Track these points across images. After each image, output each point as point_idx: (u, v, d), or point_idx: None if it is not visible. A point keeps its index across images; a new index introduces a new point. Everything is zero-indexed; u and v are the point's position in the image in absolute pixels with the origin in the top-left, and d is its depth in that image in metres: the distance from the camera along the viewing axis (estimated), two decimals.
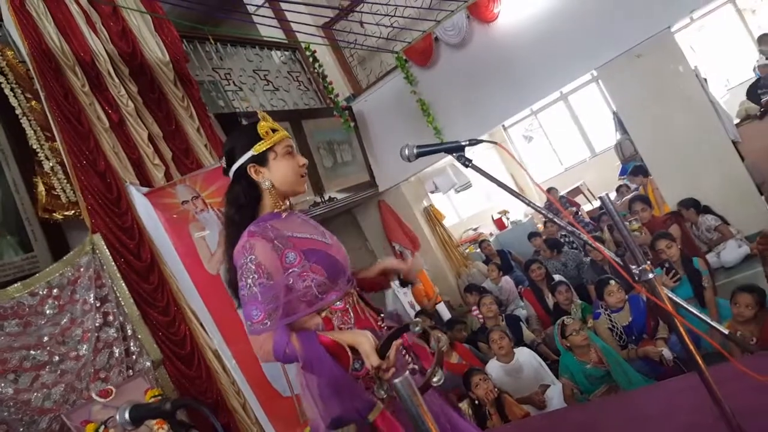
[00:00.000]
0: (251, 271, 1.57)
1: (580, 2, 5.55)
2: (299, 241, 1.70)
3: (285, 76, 6.33)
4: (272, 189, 1.71)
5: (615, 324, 3.95)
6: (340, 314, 1.71)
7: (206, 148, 3.95)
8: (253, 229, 1.66)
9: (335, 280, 1.71)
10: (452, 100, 6.12)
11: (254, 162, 1.70)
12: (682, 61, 5.57)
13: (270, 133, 1.72)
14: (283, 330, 1.58)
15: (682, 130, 5.50)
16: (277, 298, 1.59)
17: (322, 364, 1.56)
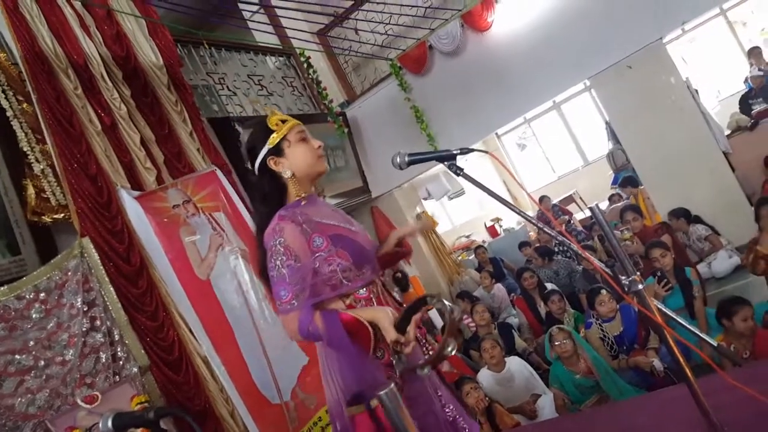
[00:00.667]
0: (280, 253, 1.66)
1: (573, 12, 5.59)
2: (327, 227, 1.77)
3: (279, 81, 6.33)
4: (294, 177, 1.80)
5: (606, 334, 3.95)
6: (364, 302, 1.78)
7: (199, 152, 3.93)
8: (283, 213, 1.75)
9: (360, 267, 1.77)
10: (446, 107, 6.13)
11: (272, 154, 1.79)
12: (674, 72, 5.61)
13: (280, 124, 1.81)
14: (308, 309, 1.65)
15: (673, 140, 5.53)
16: (304, 280, 1.66)
17: (341, 342, 1.62)
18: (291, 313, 1.65)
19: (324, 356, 1.75)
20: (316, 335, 1.65)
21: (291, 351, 3.58)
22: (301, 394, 3.47)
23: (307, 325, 1.63)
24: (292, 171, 1.79)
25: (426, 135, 6.11)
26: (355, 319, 1.64)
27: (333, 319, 1.63)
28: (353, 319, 1.64)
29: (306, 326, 1.63)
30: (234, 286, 3.55)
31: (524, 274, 5.12)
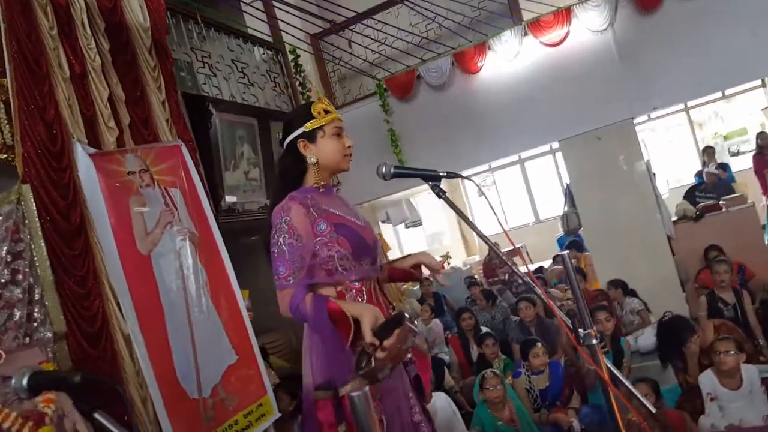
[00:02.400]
0: (284, 231, 1.74)
1: (556, 77, 5.81)
2: (333, 216, 1.86)
3: (263, 74, 6.23)
4: (317, 165, 1.89)
5: (533, 386, 4.01)
6: (354, 293, 1.84)
7: (167, 123, 3.79)
8: (294, 194, 1.85)
9: (358, 258, 1.84)
10: (422, 137, 6.19)
11: (304, 138, 1.88)
12: (638, 152, 5.89)
13: (322, 113, 1.89)
14: (303, 289, 1.72)
15: (625, 215, 5.75)
16: (303, 259, 1.74)
17: (323, 328, 1.69)
18: (286, 289, 1.72)
19: (307, 338, 1.82)
20: (303, 315, 1.70)
21: (221, 347, 3.44)
22: (222, 393, 3.32)
23: (297, 304, 1.69)
24: (317, 159, 1.88)
25: (398, 160, 6.13)
26: (340, 310, 1.68)
27: (321, 305, 1.69)
28: (339, 309, 1.68)
29: (296, 304, 1.70)
30: (175, 267, 3.39)
31: (464, 314, 5.16)
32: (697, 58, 5.33)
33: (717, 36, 5.24)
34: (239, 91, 5.78)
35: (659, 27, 5.45)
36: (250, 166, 5.24)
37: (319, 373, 1.76)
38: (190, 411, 3.10)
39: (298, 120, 1.92)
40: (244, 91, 5.85)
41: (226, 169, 4.86)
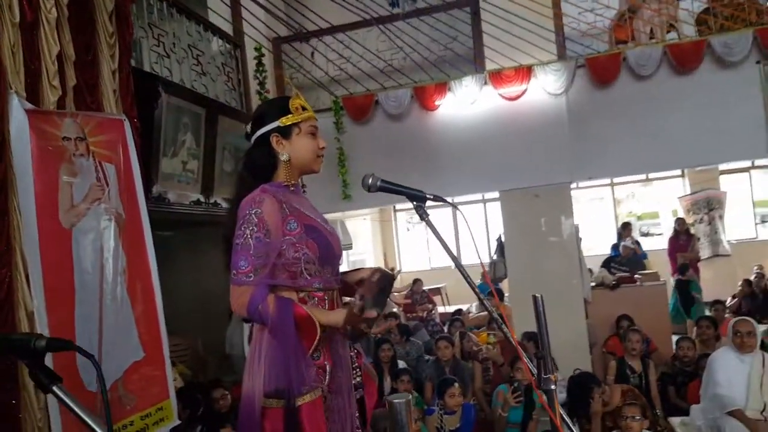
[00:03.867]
0: (253, 223, 1.64)
1: (507, 130, 6.00)
2: (304, 216, 1.79)
3: (217, 66, 6.03)
4: (288, 162, 1.81)
5: (444, 426, 4.00)
6: (316, 301, 1.75)
7: (114, 95, 3.54)
8: (267, 187, 1.77)
9: (324, 264, 1.76)
10: (370, 161, 6.17)
11: (278, 133, 1.80)
12: (570, 215, 6.15)
13: (300, 110, 1.82)
14: (264, 288, 1.64)
15: (549, 272, 5.95)
16: (268, 257, 1.65)
17: (286, 333, 1.61)
18: (244, 285, 1.63)
19: (258, 341, 1.72)
20: (262, 317, 1.62)
21: (129, 341, 3.18)
22: (122, 390, 3.05)
23: (258, 304, 1.61)
24: (289, 156, 1.80)
25: (341, 179, 6.07)
26: (308, 316, 1.62)
27: (287, 308, 1.62)
28: (306, 315, 1.63)
29: (257, 305, 1.61)
30: (95, 248, 3.12)
31: (384, 345, 5.09)
32: (639, 137, 5.69)
33: (660, 120, 5.62)
34: (190, 77, 5.55)
35: (610, 101, 5.79)
36: (189, 157, 4.99)
37: (271, 381, 1.65)
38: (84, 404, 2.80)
39: (273, 113, 1.83)
40: (195, 78, 5.63)
41: (164, 155, 4.61)
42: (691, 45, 5.45)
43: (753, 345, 3.55)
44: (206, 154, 5.15)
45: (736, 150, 5.69)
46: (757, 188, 10.53)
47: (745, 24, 5.38)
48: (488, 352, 4.71)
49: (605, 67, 5.75)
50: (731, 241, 9.25)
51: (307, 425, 1.61)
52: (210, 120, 5.17)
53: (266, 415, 1.63)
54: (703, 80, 5.50)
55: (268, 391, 1.64)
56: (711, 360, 3.69)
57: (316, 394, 1.66)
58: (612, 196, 11.37)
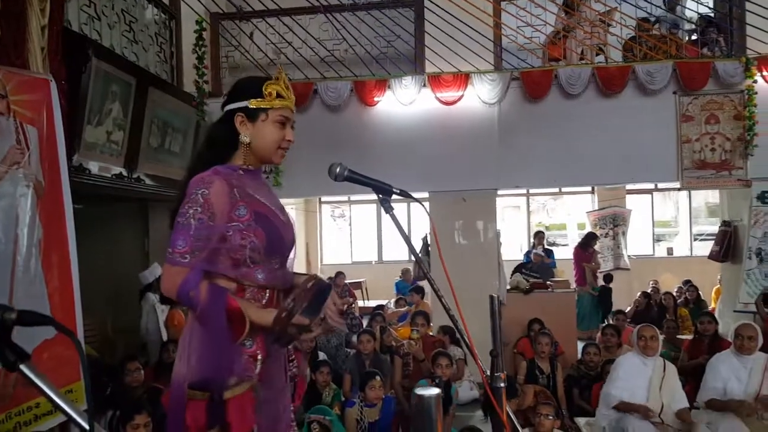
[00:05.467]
0: (197, 203, 1.57)
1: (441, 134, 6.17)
2: (257, 203, 1.70)
3: (150, 35, 5.73)
4: (248, 147, 1.73)
5: (364, 417, 4.04)
6: (256, 290, 1.68)
7: (42, 53, 3.28)
8: (220, 169, 1.67)
9: (270, 255, 1.68)
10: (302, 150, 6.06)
11: (244, 113, 1.72)
12: (493, 220, 6.41)
13: (273, 95, 1.73)
14: (199, 273, 1.56)
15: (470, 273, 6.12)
16: (208, 240, 1.58)
17: (215, 324, 1.54)
18: (178, 266, 1.55)
19: (190, 326, 1.65)
20: (192, 303, 1.56)
21: None
22: None
23: (190, 289, 1.54)
24: (250, 140, 1.72)
25: (273, 166, 5.95)
26: (240, 311, 1.55)
27: (220, 298, 1.55)
28: (237, 309, 1.55)
29: (188, 289, 1.54)
30: (11, 216, 2.88)
31: None
32: (562, 152, 6.03)
33: (582, 138, 5.98)
34: (121, 44, 5.24)
35: (538, 115, 6.08)
36: (115, 128, 4.71)
37: (196, 370, 1.58)
38: None
39: (245, 92, 1.74)
40: (126, 46, 5.32)
41: (89, 123, 4.32)
42: (618, 70, 5.84)
43: (656, 348, 3.89)
44: (133, 126, 4.88)
45: (649, 172, 6.16)
46: (658, 209, 11.44)
47: (666, 56, 5.84)
48: (410, 348, 4.80)
49: (538, 82, 6.02)
50: (631, 256, 9.98)
51: (234, 420, 1.56)
52: (140, 90, 4.90)
53: (189, 407, 1.57)
54: (625, 104, 5.91)
55: (193, 381, 1.57)
56: (616, 363, 3.99)
57: (245, 386, 1.60)
58: (527, 205, 11.91)
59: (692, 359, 5.01)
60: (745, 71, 5.67)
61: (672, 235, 12.31)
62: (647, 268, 10.01)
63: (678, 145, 5.88)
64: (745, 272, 5.96)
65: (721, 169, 5.84)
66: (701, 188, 6.39)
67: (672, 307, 7.45)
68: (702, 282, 8.50)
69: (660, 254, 11.11)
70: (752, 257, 5.95)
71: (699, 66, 5.77)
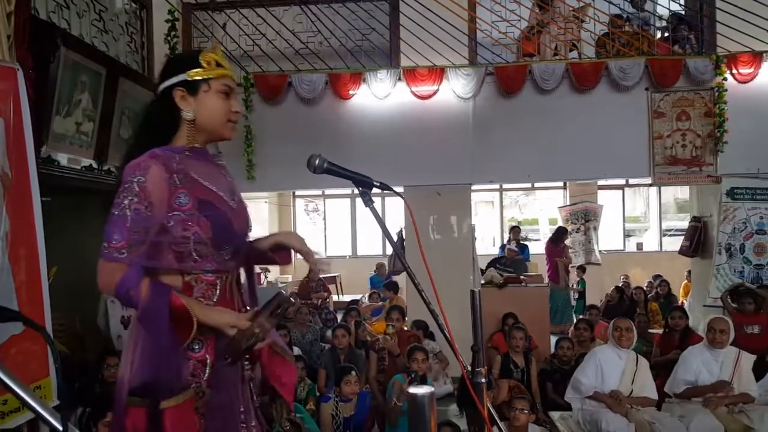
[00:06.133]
0: (133, 192, 1.46)
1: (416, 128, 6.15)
2: (201, 189, 1.57)
3: (120, 24, 5.58)
4: (192, 124, 1.60)
5: (339, 412, 4.03)
6: (205, 286, 1.56)
7: (8, 40, 3.16)
8: (158, 152, 1.54)
9: (219, 247, 1.56)
10: (277, 143, 6.04)
11: (183, 87, 1.58)
12: (468, 215, 6.44)
13: (213, 64, 1.60)
14: (139, 270, 1.45)
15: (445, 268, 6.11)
16: (147, 233, 1.46)
17: (157, 325, 1.43)
18: (115, 263, 1.43)
19: (134, 328, 1.53)
20: (132, 302, 1.45)
21: None
22: None
23: (129, 288, 1.42)
24: (194, 116, 1.59)
25: (246, 159, 5.89)
26: (186, 311, 1.43)
27: (162, 298, 1.43)
28: (184, 309, 1.43)
29: (127, 288, 1.42)
30: None
31: (280, 331, 4.99)
32: (536, 147, 6.08)
33: (555, 133, 6.04)
34: (90, 33, 5.10)
35: (512, 110, 6.11)
36: (84, 119, 4.59)
37: (138, 374, 1.45)
38: None
39: (181, 65, 1.60)
40: (95, 35, 5.18)
41: (57, 113, 4.20)
42: (591, 66, 5.91)
43: (631, 340, 3.98)
44: (103, 117, 4.76)
45: (620, 168, 6.27)
46: (628, 205, 11.66)
47: (638, 52, 5.93)
48: (385, 342, 4.80)
49: (512, 77, 6.05)
50: (602, 251, 10.15)
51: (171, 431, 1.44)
52: (110, 81, 4.78)
53: (129, 413, 1.45)
54: (598, 100, 5.98)
55: (133, 386, 1.45)
56: (591, 352, 4.06)
57: (187, 395, 1.47)
58: (500, 200, 12.01)
59: (664, 353, 5.12)
60: (715, 69, 5.79)
61: (642, 230, 12.57)
62: (617, 262, 10.20)
63: (650, 141, 5.98)
64: (714, 267, 6.11)
65: (692, 165, 5.97)
66: (672, 184, 6.53)
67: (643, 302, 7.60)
68: (671, 277, 8.69)
69: (630, 249, 11.33)
70: (722, 252, 6.10)
71: (670, 63, 5.87)
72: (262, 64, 6.15)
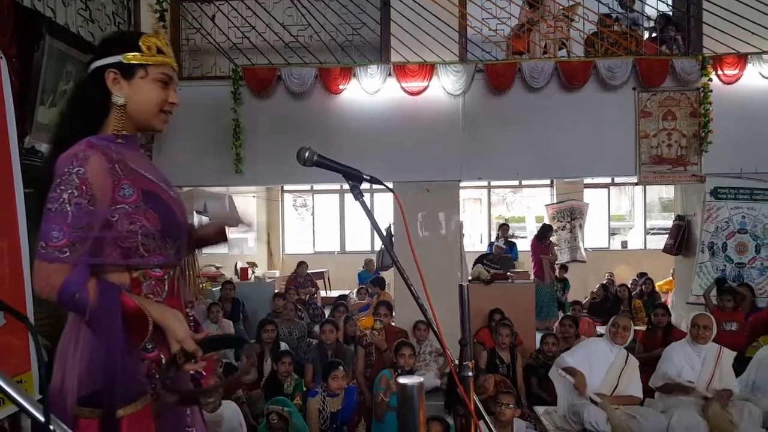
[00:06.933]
0: (73, 186, 1.33)
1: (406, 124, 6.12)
2: (142, 180, 1.48)
3: (107, 14, 5.52)
4: (123, 110, 1.49)
5: (326, 407, 4.04)
6: (154, 283, 1.48)
7: None
8: (95, 141, 1.42)
9: (165, 240, 1.48)
10: (266, 137, 6.00)
11: (118, 69, 1.47)
12: (457, 211, 6.45)
13: (153, 49, 1.50)
14: (84, 270, 1.33)
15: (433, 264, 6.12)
16: (91, 229, 1.34)
17: (110, 328, 1.32)
18: (56, 263, 1.30)
19: (75, 327, 1.39)
20: (78, 307, 1.31)
21: None
22: None
23: (75, 291, 1.29)
24: (125, 102, 1.48)
25: (235, 153, 5.84)
26: (139, 310, 1.34)
27: (113, 298, 1.33)
28: (136, 309, 1.34)
29: (73, 291, 1.29)
30: None
31: (267, 326, 5.00)
32: (524, 145, 6.09)
33: (544, 132, 6.05)
34: (76, 22, 5.03)
35: (502, 108, 6.12)
36: None
37: (87, 382, 1.34)
38: None
39: (118, 45, 1.49)
40: (81, 25, 5.12)
41: (42, 103, 4.14)
42: (580, 64, 5.94)
43: (625, 338, 4.06)
44: None
45: (607, 167, 6.31)
46: (614, 204, 11.76)
47: (626, 52, 5.97)
48: (373, 338, 4.80)
49: (502, 74, 6.06)
50: (588, 249, 10.23)
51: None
52: None
53: (79, 426, 1.32)
54: (586, 99, 6.01)
55: (82, 396, 1.34)
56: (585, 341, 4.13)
57: (145, 401, 1.39)
58: (488, 197, 12.06)
59: (647, 350, 5.18)
60: (701, 69, 5.84)
61: (627, 228, 12.69)
62: (602, 260, 10.28)
63: (636, 140, 6.02)
64: (697, 265, 6.19)
65: (677, 164, 6.03)
66: (657, 183, 6.59)
67: (627, 299, 7.68)
68: (654, 274, 8.78)
69: (615, 247, 11.43)
70: (704, 251, 6.18)
71: (658, 63, 5.92)
72: (250, 57, 6.10)
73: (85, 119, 1.47)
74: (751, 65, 5.86)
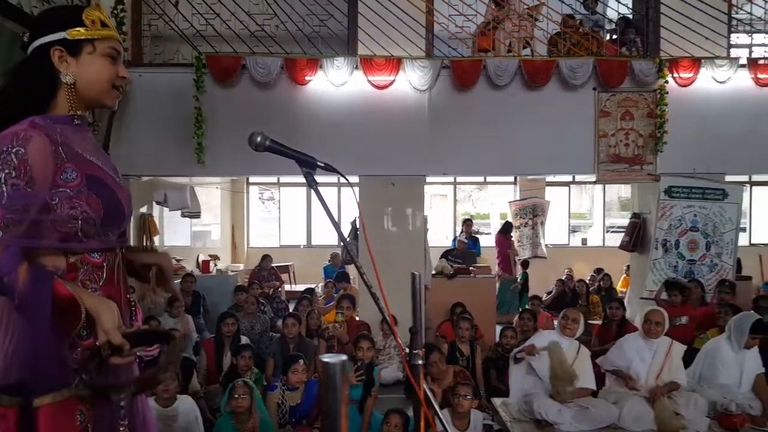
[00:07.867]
0: (11, 166, 1.27)
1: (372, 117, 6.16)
2: (87, 164, 1.43)
3: None
4: (72, 88, 1.43)
5: (285, 401, 4.01)
6: (91, 268, 1.43)
7: None
8: (38, 122, 1.36)
9: (107, 227, 1.44)
10: (229, 127, 5.92)
11: (63, 46, 1.41)
12: (421, 206, 6.49)
13: (98, 23, 1.44)
14: (16, 253, 1.27)
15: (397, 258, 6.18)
16: (27, 211, 1.30)
17: (39, 315, 1.27)
18: None
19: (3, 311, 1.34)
20: (8, 290, 1.26)
21: None
22: None
23: (4, 273, 1.24)
24: (75, 80, 1.42)
25: (196, 142, 5.74)
26: (72, 298, 1.29)
27: (44, 284, 1.27)
28: (69, 297, 1.29)
29: (2, 274, 1.24)
30: None
31: (228, 319, 4.93)
32: (488, 142, 6.18)
33: (507, 129, 6.16)
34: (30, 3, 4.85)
35: (467, 104, 6.19)
36: None
37: (9, 369, 1.30)
38: None
39: (60, 22, 1.42)
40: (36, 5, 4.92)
41: None
42: (543, 63, 6.04)
43: (574, 330, 4.17)
44: None
45: (567, 164, 6.45)
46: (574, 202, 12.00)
47: (588, 53, 6.10)
48: (335, 330, 4.80)
49: (467, 71, 6.12)
50: (548, 245, 10.42)
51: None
52: None
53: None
54: (548, 98, 6.13)
55: (3, 383, 1.29)
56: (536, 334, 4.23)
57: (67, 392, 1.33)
58: (454, 194, 12.18)
59: (602, 343, 5.32)
60: (658, 72, 6.02)
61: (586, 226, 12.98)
62: (562, 256, 10.50)
63: (595, 139, 6.18)
64: (651, 262, 6.38)
65: (634, 163, 6.21)
66: (615, 181, 6.76)
67: (585, 294, 7.86)
68: (612, 271, 9.02)
69: (575, 244, 11.68)
70: (658, 248, 6.38)
71: (617, 64, 6.07)
72: (214, 45, 6.01)
73: (30, 99, 1.41)
74: (705, 69, 6.07)
